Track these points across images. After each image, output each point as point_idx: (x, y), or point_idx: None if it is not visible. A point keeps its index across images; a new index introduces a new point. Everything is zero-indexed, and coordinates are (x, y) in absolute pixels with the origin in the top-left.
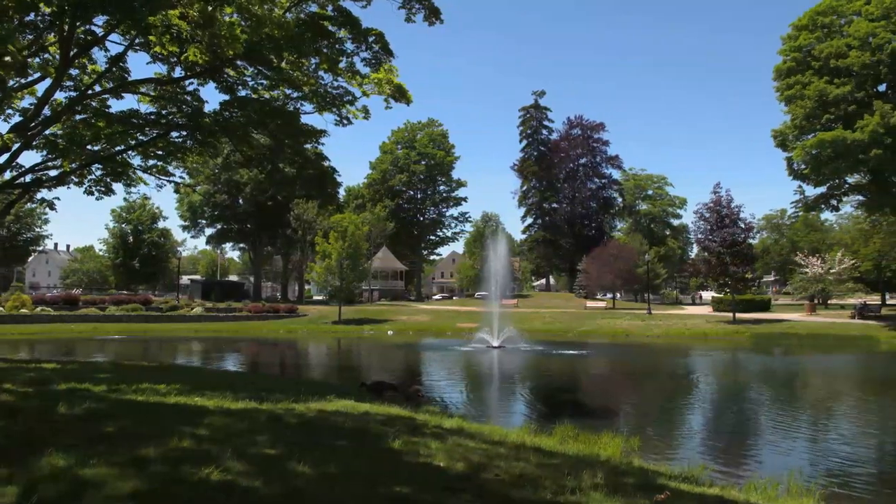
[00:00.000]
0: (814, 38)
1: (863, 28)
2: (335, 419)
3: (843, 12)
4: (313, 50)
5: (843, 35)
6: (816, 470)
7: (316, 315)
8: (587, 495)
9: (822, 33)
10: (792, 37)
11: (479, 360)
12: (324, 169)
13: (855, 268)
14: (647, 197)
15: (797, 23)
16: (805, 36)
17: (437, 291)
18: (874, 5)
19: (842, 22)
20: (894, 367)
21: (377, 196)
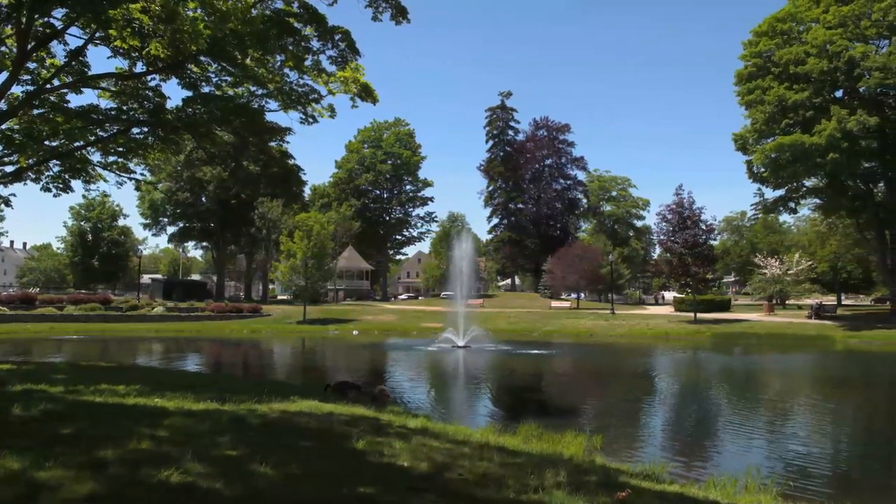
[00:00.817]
0: (773, 44)
1: (820, 35)
2: (298, 420)
3: (802, 19)
4: (279, 47)
5: (801, 42)
6: (774, 467)
7: (280, 315)
8: (550, 494)
9: (782, 40)
10: (753, 42)
11: (444, 360)
12: (289, 167)
13: (812, 269)
14: (611, 198)
15: (757, 29)
16: (765, 42)
17: (403, 291)
18: (832, 14)
19: (800, 29)
20: (849, 366)
21: (343, 195)
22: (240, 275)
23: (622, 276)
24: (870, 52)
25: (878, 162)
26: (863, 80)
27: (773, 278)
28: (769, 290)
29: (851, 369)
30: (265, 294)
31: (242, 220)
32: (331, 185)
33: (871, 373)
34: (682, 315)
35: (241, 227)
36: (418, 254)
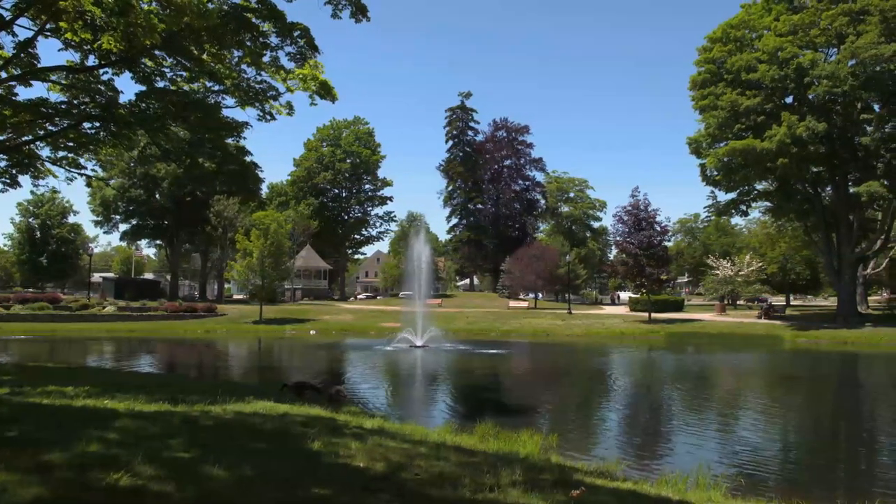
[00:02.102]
0: (726, 50)
1: (771, 43)
2: (253, 421)
3: (755, 27)
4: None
5: (753, 49)
6: (725, 464)
7: (236, 314)
8: (505, 492)
9: (735, 46)
10: (707, 49)
11: (402, 360)
12: (246, 164)
13: (762, 270)
14: (568, 199)
15: (712, 35)
16: (719, 48)
17: (362, 291)
18: (783, 22)
19: (753, 36)
20: (797, 364)
21: (301, 193)
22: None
23: (579, 277)
24: (819, 59)
25: (826, 167)
26: (812, 88)
27: (724, 279)
28: (721, 290)
29: (799, 367)
30: (220, 293)
31: (197, 217)
32: (289, 183)
33: (818, 371)
34: (637, 315)
35: (197, 226)
36: (377, 253)
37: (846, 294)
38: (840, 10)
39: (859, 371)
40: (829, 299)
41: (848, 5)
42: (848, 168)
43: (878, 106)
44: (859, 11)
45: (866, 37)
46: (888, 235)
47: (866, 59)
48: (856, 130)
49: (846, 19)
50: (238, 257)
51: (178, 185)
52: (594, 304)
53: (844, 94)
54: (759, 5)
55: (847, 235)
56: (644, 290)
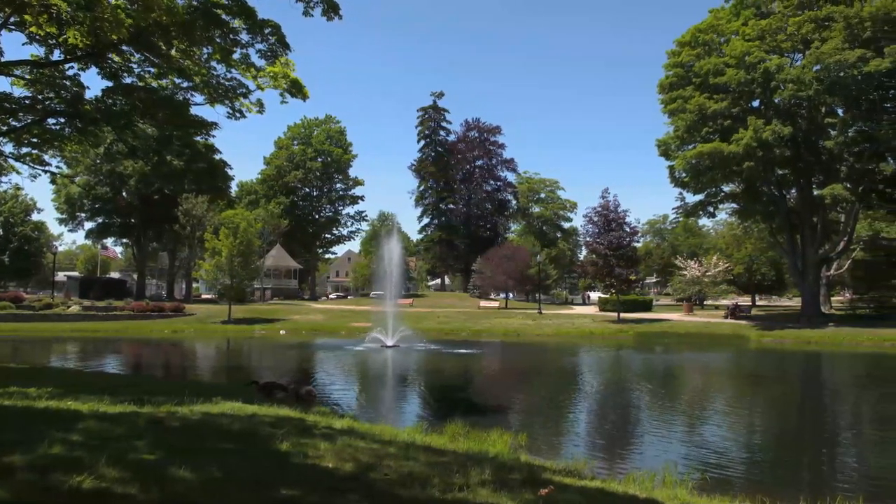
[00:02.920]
0: (695, 54)
1: (739, 47)
2: (221, 421)
3: (723, 31)
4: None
5: (721, 53)
6: (691, 461)
7: (204, 314)
8: (474, 492)
9: (703, 50)
10: (675, 52)
11: (372, 360)
12: (214, 162)
13: (728, 271)
14: (539, 200)
15: (680, 39)
16: (687, 52)
17: (332, 291)
18: (750, 26)
19: (721, 40)
20: (762, 363)
21: (271, 192)
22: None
23: (550, 277)
24: (785, 64)
25: (791, 170)
26: (778, 92)
27: (692, 280)
28: (688, 290)
29: (764, 367)
30: (189, 293)
31: (165, 216)
32: (259, 181)
33: (783, 370)
34: (607, 315)
35: (164, 224)
36: (348, 253)
37: (810, 295)
38: (806, 16)
39: (822, 370)
40: (794, 300)
41: (814, 12)
42: (812, 171)
43: (842, 110)
44: (824, 18)
45: (831, 43)
46: (851, 237)
47: (831, 65)
48: (820, 134)
49: (812, 25)
50: (207, 256)
51: (145, 183)
52: (564, 304)
53: (809, 99)
54: (728, 10)
55: (811, 237)
56: (613, 291)
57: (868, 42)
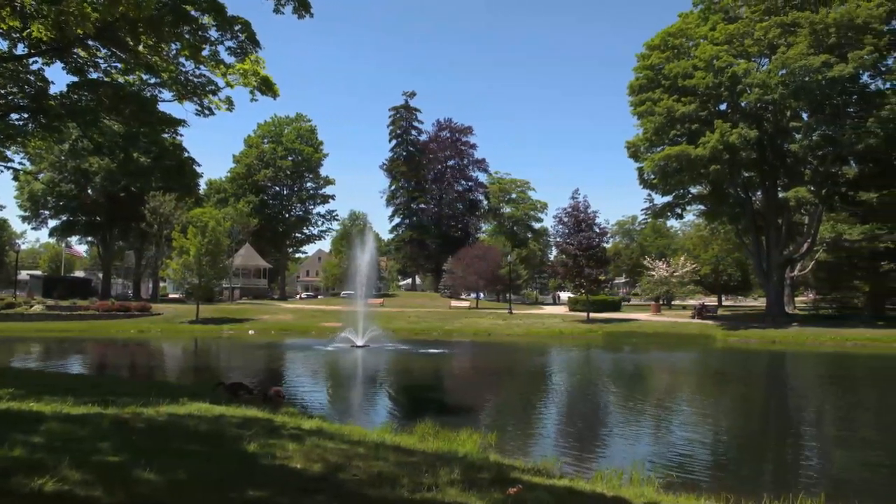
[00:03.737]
0: (664, 57)
1: (707, 51)
2: (187, 423)
3: (692, 35)
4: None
5: (690, 57)
6: (658, 459)
7: (171, 314)
8: (443, 491)
9: (672, 53)
10: (645, 55)
11: (342, 360)
12: (183, 160)
13: (695, 271)
14: (510, 200)
15: (650, 42)
16: (657, 55)
17: (302, 290)
18: (719, 31)
19: (690, 44)
20: (728, 362)
21: (241, 191)
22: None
23: (520, 277)
24: (751, 68)
25: (757, 172)
26: (744, 96)
27: (660, 280)
28: (656, 291)
29: (730, 366)
30: (155, 292)
31: (132, 214)
32: (228, 180)
33: (748, 369)
34: (576, 315)
35: (131, 222)
36: (318, 252)
37: (774, 295)
38: (773, 21)
39: (786, 370)
40: (759, 300)
41: (780, 17)
42: (777, 174)
43: (807, 114)
44: (791, 24)
45: (796, 48)
46: (814, 239)
47: (796, 69)
48: (785, 138)
49: (778, 31)
50: (174, 255)
51: (111, 181)
52: (535, 304)
53: (775, 103)
54: (696, 14)
55: (776, 238)
56: (583, 291)
57: (832, 48)
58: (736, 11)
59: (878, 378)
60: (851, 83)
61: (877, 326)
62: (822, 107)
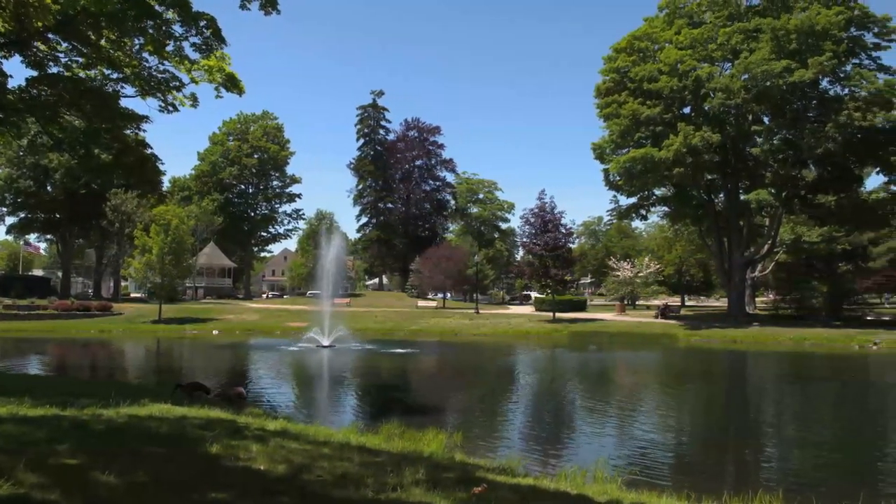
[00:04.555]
0: (630, 60)
1: (672, 55)
2: (148, 424)
3: (657, 39)
4: (137, 29)
5: (655, 60)
6: (622, 458)
7: (133, 313)
8: (408, 491)
9: (638, 57)
10: (612, 58)
11: (308, 360)
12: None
13: (659, 272)
14: (478, 200)
15: (616, 45)
16: (623, 58)
17: (268, 290)
18: (683, 35)
19: (655, 48)
20: (690, 361)
21: (205, 189)
22: (89, 271)
23: (487, 277)
24: (715, 73)
25: (719, 175)
26: (708, 100)
27: (624, 280)
28: (621, 291)
29: (692, 365)
30: (117, 292)
31: (93, 211)
32: (192, 177)
33: (710, 368)
34: (542, 315)
35: (91, 220)
36: (284, 251)
37: (736, 295)
38: (736, 27)
39: (747, 369)
40: (721, 300)
41: (743, 23)
42: (739, 176)
43: (768, 119)
44: (753, 29)
45: (758, 53)
46: (774, 241)
47: (758, 75)
48: (747, 141)
49: (741, 36)
50: (136, 254)
51: (71, 177)
52: (501, 304)
53: (737, 107)
54: (662, 19)
55: (737, 240)
56: (549, 291)
57: (793, 53)
58: (700, 16)
59: (833, 378)
60: (811, 88)
61: (834, 326)
62: (783, 111)
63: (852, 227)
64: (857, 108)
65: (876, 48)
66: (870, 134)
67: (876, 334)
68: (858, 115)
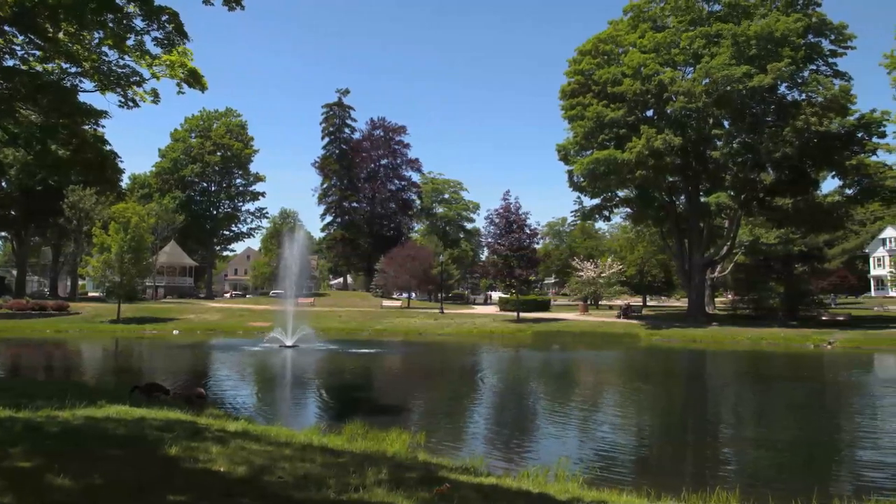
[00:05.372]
0: (595, 63)
1: (636, 59)
2: (105, 426)
3: (621, 42)
4: (97, 23)
5: (619, 63)
6: (583, 456)
7: (91, 313)
8: (371, 491)
9: (603, 59)
10: (577, 60)
11: (271, 360)
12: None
13: (622, 272)
14: (443, 200)
15: (581, 48)
16: (588, 61)
17: (230, 289)
18: (647, 39)
19: (619, 51)
20: (652, 360)
21: (166, 186)
22: (45, 269)
23: (452, 277)
24: (677, 77)
25: (681, 177)
26: (670, 103)
27: (588, 280)
28: (584, 291)
29: (653, 364)
30: (74, 291)
31: (49, 209)
32: (153, 174)
33: (670, 367)
34: (507, 314)
35: (48, 217)
36: (247, 250)
37: (696, 295)
38: (698, 32)
39: (706, 368)
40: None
41: (705, 28)
42: (700, 179)
43: (728, 122)
44: (714, 34)
45: (719, 58)
46: (733, 242)
47: (718, 79)
48: (707, 144)
49: (703, 41)
50: (94, 252)
51: (27, 174)
52: (466, 304)
53: (698, 111)
54: (626, 22)
55: (698, 241)
56: (513, 291)
57: (753, 59)
58: (663, 21)
59: (790, 376)
60: (770, 94)
61: (790, 326)
62: (743, 115)
63: (808, 229)
64: (813, 113)
65: (832, 55)
66: (825, 139)
67: (830, 334)
68: (815, 121)
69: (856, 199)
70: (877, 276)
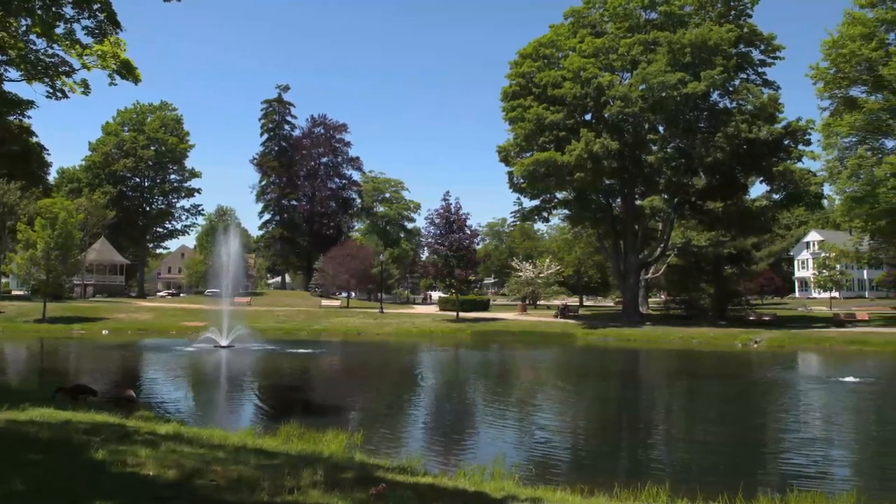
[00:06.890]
0: (536, 66)
1: (576, 63)
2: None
3: (562, 46)
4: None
5: (559, 67)
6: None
7: (14, 312)
8: (305, 493)
9: (544, 63)
10: (518, 63)
11: (204, 361)
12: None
13: (560, 273)
14: (384, 200)
15: (523, 51)
16: (529, 64)
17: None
18: (587, 43)
19: (560, 55)
20: (587, 359)
21: (97, 181)
22: None
23: (392, 276)
24: (615, 81)
25: (617, 180)
26: (608, 107)
27: (526, 281)
28: (523, 291)
29: (589, 363)
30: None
31: None
32: (83, 168)
33: (605, 366)
34: (446, 314)
35: None
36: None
37: (630, 296)
38: (635, 39)
39: (640, 366)
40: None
41: (642, 35)
42: (635, 182)
43: (662, 128)
44: (651, 42)
45: (656, 65)
46: (666, 244)
47: (654, 85)
48: (643, 149)
49: (640, 48)
50: (19, 249)
51: None
52: (406, 304)
53: (635, 115)
54: (567, 27)
55: (633, 243)
56: (453, 291)
57: (687, 66)
58: (603, 27)
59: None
60: (703, 100)
61: (719, 326)
62: (677, 121)
63: (737, 232)
64: (743, 120)
65: (762, 64)
66: (754, 145)
67: (757, 333)
68: (745, 127)
69: (782, 204)
70: (801, 277)
